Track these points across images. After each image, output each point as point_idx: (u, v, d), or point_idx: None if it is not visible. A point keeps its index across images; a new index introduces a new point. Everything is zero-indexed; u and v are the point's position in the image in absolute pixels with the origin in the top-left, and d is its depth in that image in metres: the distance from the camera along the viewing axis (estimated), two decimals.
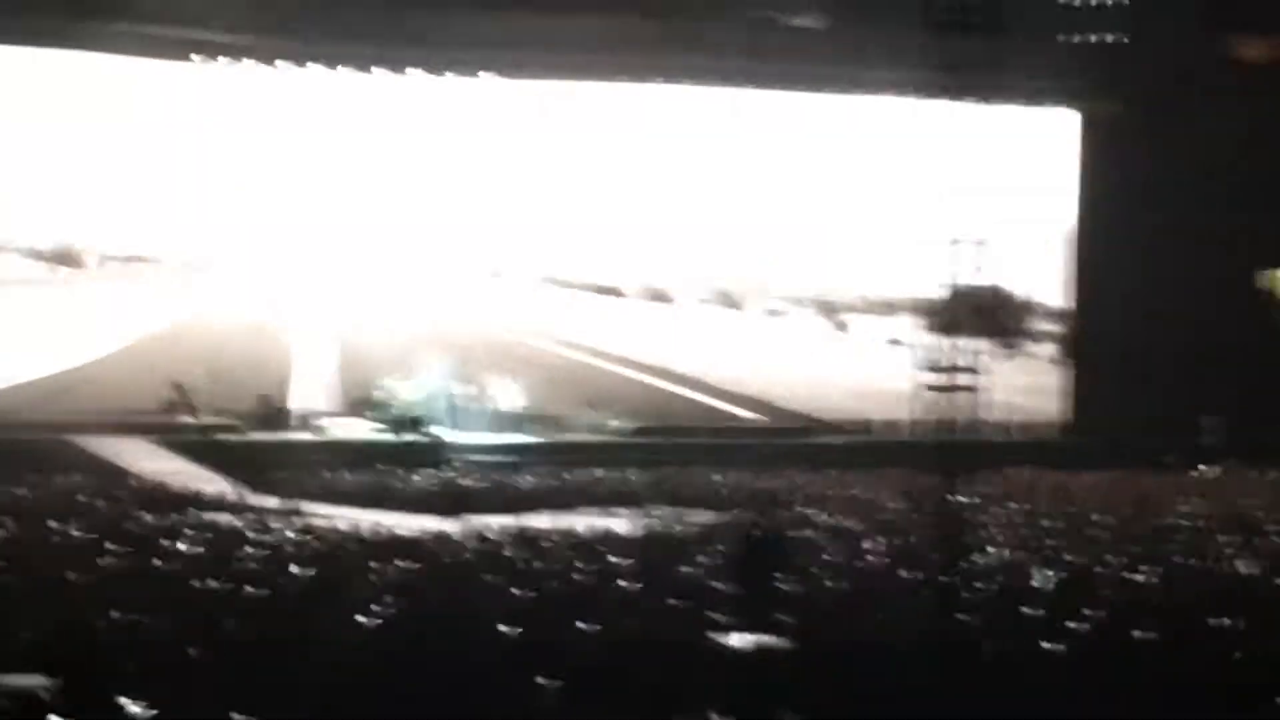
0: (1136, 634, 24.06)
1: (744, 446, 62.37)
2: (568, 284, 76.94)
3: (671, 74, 65.51)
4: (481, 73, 64.03)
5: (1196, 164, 60.64)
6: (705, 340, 76.28)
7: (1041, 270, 65.57)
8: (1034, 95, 60.88)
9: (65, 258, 72.34)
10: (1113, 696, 20.14)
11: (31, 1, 56.80)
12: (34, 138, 65.14)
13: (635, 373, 73.32)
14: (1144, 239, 61.26)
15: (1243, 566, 34.02)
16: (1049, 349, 69.54)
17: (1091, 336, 65.86)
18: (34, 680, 12.80)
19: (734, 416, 69.77)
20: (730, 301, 77.05)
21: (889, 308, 68.42)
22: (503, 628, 22.76)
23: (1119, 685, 20.67)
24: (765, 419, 69.61)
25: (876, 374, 64.85)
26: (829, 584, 30.19)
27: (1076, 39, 62.78)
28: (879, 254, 58.70)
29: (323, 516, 42.04)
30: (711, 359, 74.29)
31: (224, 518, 40.78)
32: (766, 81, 65.76)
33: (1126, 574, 31.81)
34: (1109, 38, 62.89)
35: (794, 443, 64.85)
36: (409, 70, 63.66)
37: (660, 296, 77.03)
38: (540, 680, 19.10)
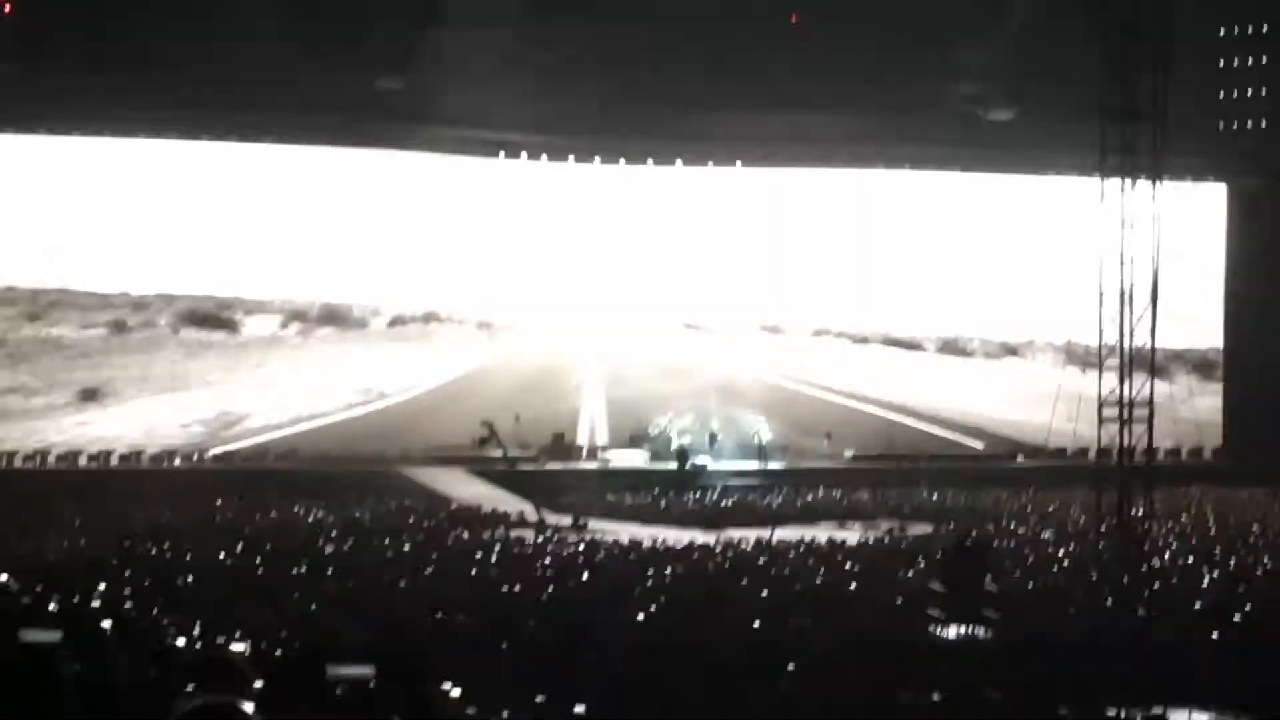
0: None
1: (957, 469, 61.94)
2: (814, 331, 76.72)
3: (894, 162, 65.65)
4: (738, 163, 64.47)
5: None
6: (926, 378, 75.72)
7: (1199, 321, 64.79)
8: (1190, 173, 60.36)
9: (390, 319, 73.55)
10: (1270, 674, 19.93)
11: (353, 105, 57.79)
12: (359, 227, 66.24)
13: (864, 405, 72.98)
14: None
15: None
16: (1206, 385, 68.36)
17: (1241, 372, 64.97)
18: (364, 670, 13.06)
19: (949, 443, 69.22)
20: (951, 348, 76.55)
21: (1075, 355, 67.41)
22: (754, 624, 22.86)
23: (1272, 667, 20.40)
24: (976, 445, 69.04)
25: (1061, 407, 63.91)
26: (1029, 584, 30.04)
27: (1224, 124, 62.06)
28: (1062, 307, 57.93)
29: (606, 532, 42.40)
30: (931, 394, 73.79)
31: (526, 534, 41.28)
32: (970, 165, 65.80)
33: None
34: (1252, 123, 62.14)
35: (999, 466, 64.42)
36: (676, 162, 64.32)
37: (888, 340, 76.63)
38: (787, 666, 19.19)
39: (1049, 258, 64.04)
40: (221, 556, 32.59)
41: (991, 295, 72.05)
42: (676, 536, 39.55)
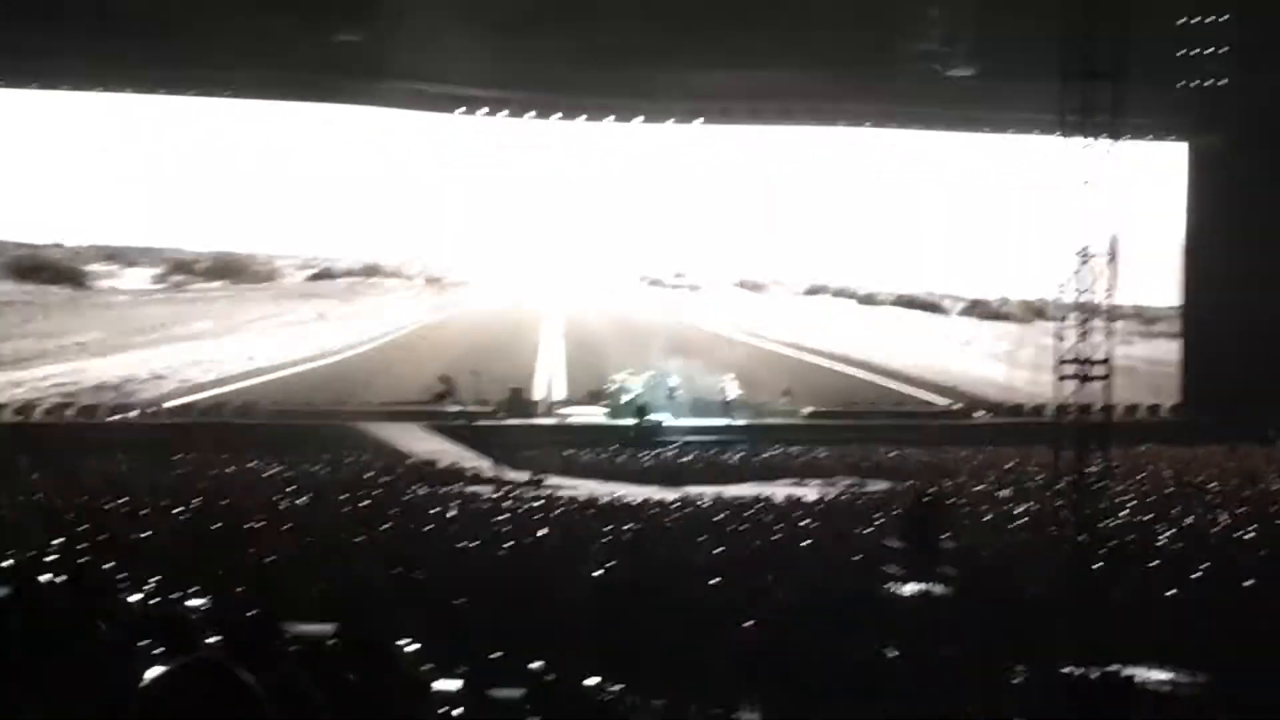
0: (1246, 583, 23.78)
1: (915, 426, 62.16)
2: (760, 285, 76.69)
3: (854, 119, 65.86)
4: (699, 120, 64.50)
5: None
6: (884, 334, 75.81)
7: (1158, 277, 64.93)
8: (1151, 132, 60.55)
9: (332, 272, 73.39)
10: (1223, 632, 20.00)
11: (311, 60, 57.68)
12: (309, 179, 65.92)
13: (823, 360, 73.12)
14: (1244, 248, 60.56)
15: None
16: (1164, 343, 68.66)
17: (1200, 330, 65.20)
18: (322, 629, 13.00)
19: (907, 398, 69.42)
20: (910, 303, 76.69)
21: (1033, 310, 67.61)
22: (711, 580, 22.85)
23: (1230, 625, 20.47)
24: (935, 400, 69.26)
25: (1021, 365, 64.17)
26: (986, 542, 30.10)
27: (1184, 82, 62.22)
28: (1020, 265, 58.15)
29: (563, 488, 42.40)
30: (890, 350, 73.91)
31: (483, 489, 41.27)
32: (930, 123, 66.00)
33: (1237, 533, 31.43)
34: (1212, 80, 62.36)
35: (957, 423, 64.66)
36: (637, 119, 64.32)
37: (844, 294, 76.71)
38: (744, 623, 19.20)
39: (1010, 216, 64.20)
40: (178, 511, 32.43)
41: (951, 252, 72.20)
42: (634, 493, 39.53)
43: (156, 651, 10.54)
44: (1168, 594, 22.74)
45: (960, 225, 70.23)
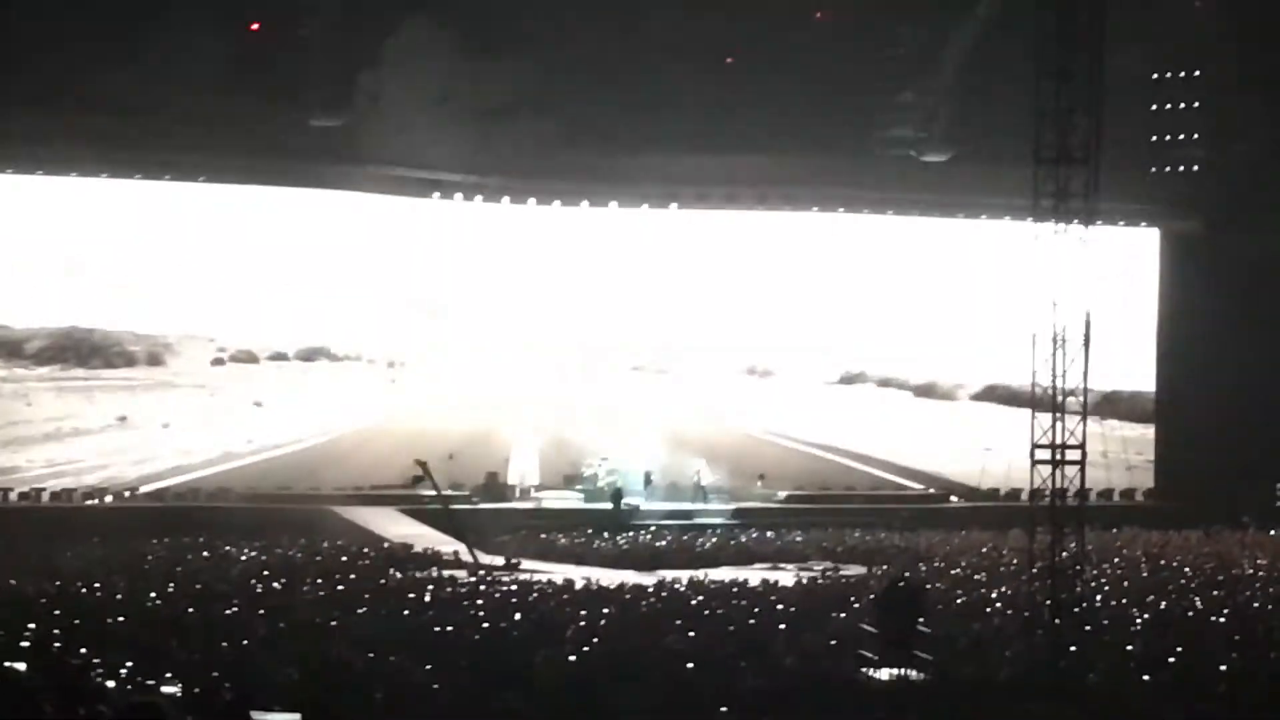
0: (1223, 667, 23.83)
1: (890, 511, 62.07)
2: (747, 371, 76.84)
3: (827, 204, 66.06)
4: (673, 205, 64.64)
5: (1264, 267, 60.31)
6: (860, 419, 75.84)
7: (1132, 364, 65.04)
8: (1124, 217, 60.89)
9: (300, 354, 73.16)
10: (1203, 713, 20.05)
11: (292, 148, 57.86)
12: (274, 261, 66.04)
13: (798, 445, 73.14)
14: (1216, 333, 60.84)
15: None
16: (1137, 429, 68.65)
17: (1174, 415, 65.31)
18: (290, 718, 12.92)
19: (883, 483, 69.38)
20: (889, 385, 76.86)
21: (1007, 396, 67.71)
22: (688, 664, 22.84)
23: (1207, 708, 20.51)
24: (911, 485, 69.24)
25: (995, 450, 64.23)
26: (961, 626, 30.08)
27: (1157, 168, 62.67)
28: (996, 350, 58.32)
29: (539, 571, 42.32)
30: (866, 435, 73.96)
31: (459, 574, 41.18)
32: (905, 208, 66.27)
33: (1212, 617, 31.50)
34: (1184, 166, 62.82)
35: (933, 508, 64.63)
36: (611, 204, 64.47)
37: (824, 381, 76.84)
38: (720, 709, 19.17)
39: (984, 300, 64.33)
40: (153, 596, 32.34)
41: (926, 337, 72.33)
42: (610, 577, 39.45)
43: None
44: (1144, 678, 22.78)
45: (933, 310, 70.40)
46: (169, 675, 19.40)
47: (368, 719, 13.31)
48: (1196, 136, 63.18)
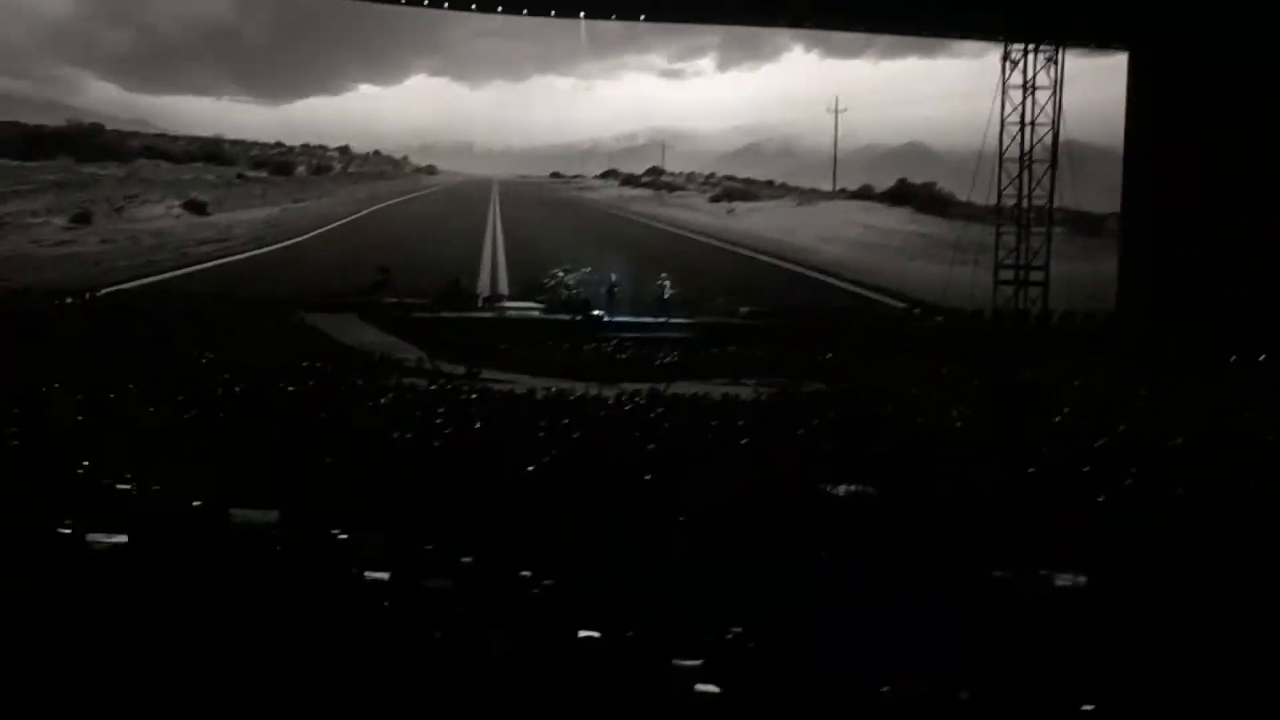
0: (1178, 490, 24.13)
1: (853, 327, 62.25)
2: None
3: (799, 21, 65.76)
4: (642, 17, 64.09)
5: (1226, 95, 60.13)
6: (828, 232, 75.98)
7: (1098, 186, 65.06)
8: (1094, 40, 60.57)
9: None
10: (1144, 530, 20.36)
11: None
12: None
13: (765, 257, 73.27)
14: (1182, 158, 60.76)
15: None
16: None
17: (1136, 240, 65.48)
18: (266, 516, 13.09)
19: (852, 298, 69.65)
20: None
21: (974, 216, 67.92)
22: (645, 476, 23.01)
23: (1153, 528, 20.81)
24: (880, 300, 69.53)
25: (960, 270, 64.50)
26: (919, 445, 30.31)
27: None
28: (964, 169, 58.43)
29: (500, 381, 42.51)
30: (836, 250, 74.14)
31: (419, 381, 41.32)
32: (879, 27, 66.03)
33: (1165, 440, 31.82)
34: None
35: (896, 325, 64.77)
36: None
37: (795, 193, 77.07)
38: (678, 518, 19.35)
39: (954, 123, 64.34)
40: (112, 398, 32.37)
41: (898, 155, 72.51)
42: (570, 388, 39.66)
43: None
44: (1099, 499, 23.03)
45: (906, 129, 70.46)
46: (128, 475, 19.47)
47: (332, 521, 13.45)
48: None
